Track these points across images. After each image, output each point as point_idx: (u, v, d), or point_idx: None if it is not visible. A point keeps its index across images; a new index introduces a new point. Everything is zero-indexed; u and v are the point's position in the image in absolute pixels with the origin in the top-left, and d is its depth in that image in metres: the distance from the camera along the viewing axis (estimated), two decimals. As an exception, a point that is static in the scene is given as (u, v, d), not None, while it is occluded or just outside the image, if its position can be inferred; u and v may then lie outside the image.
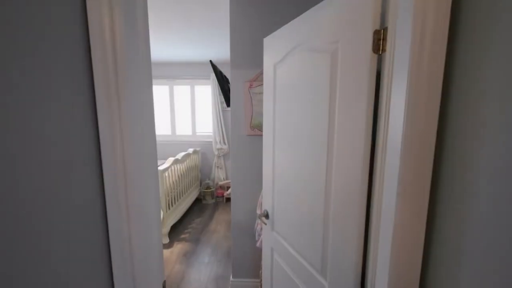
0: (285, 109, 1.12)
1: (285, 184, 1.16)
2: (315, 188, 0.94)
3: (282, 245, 1.20)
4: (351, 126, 0.76)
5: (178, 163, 3.17)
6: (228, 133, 4.12)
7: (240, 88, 1.76)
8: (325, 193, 0.89)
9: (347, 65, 0.77)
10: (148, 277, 0.68)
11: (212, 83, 3.96)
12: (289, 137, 1.09)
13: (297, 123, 1.03)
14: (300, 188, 1.04)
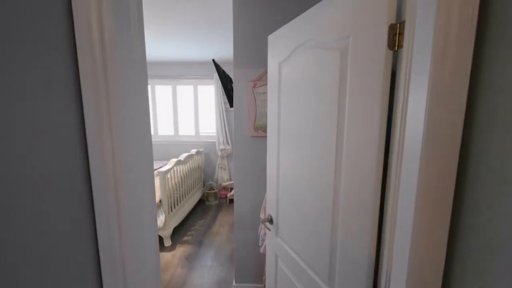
0: (291, 109, 1.06)
1: (290, 189, 1.10)
2: (323, 193, 0.89)
3: (286, 251, 1.15)
4: (362, 128, 0.71)
5: (180, 164, 3.14)
6: (231, 134, 4.08)
7: (243, 88, 1.71)
8: (333, 198, 0.84)
9: (358, 62, 0.71)
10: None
11: (215, 83, 3.92)
12: (295, 139, 1.04)
13: (303, 124, 0.98)
14: (307, 193, 0.99)
